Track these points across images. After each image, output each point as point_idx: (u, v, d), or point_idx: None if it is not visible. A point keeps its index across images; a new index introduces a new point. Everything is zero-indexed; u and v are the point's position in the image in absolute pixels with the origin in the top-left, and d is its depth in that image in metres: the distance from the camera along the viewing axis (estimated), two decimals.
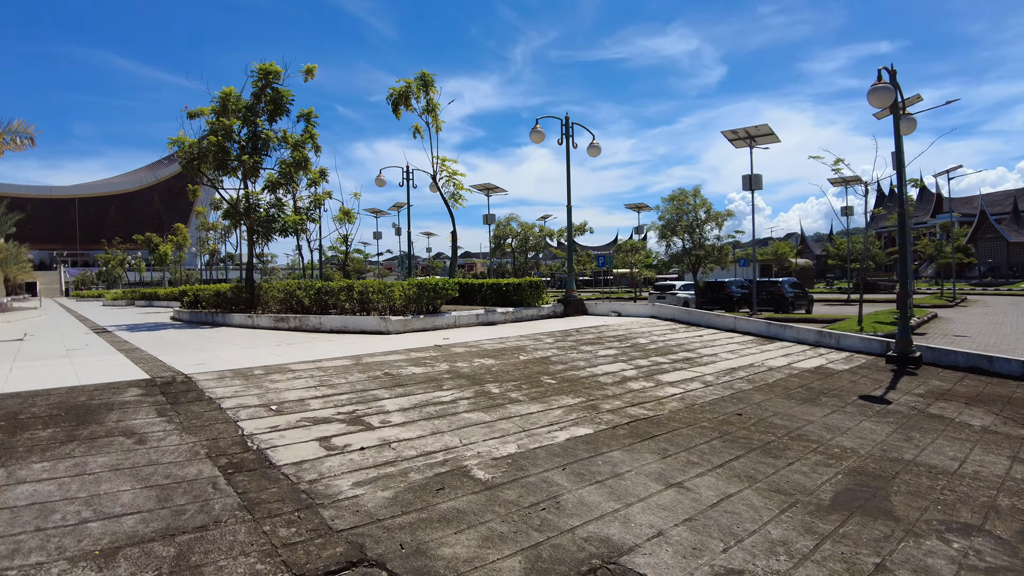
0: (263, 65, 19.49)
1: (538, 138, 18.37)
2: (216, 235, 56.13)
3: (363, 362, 9.26)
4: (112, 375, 8.27)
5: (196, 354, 10.64)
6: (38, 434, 5.71)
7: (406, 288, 14.01)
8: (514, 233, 51.09)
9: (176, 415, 6.37)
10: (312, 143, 20.00)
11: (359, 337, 12.76)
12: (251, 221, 19.24)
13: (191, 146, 19.53)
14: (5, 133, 14.82)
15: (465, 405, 7.30)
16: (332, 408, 6.86)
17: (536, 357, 10.40)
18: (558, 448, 6.15)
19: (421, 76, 19.96)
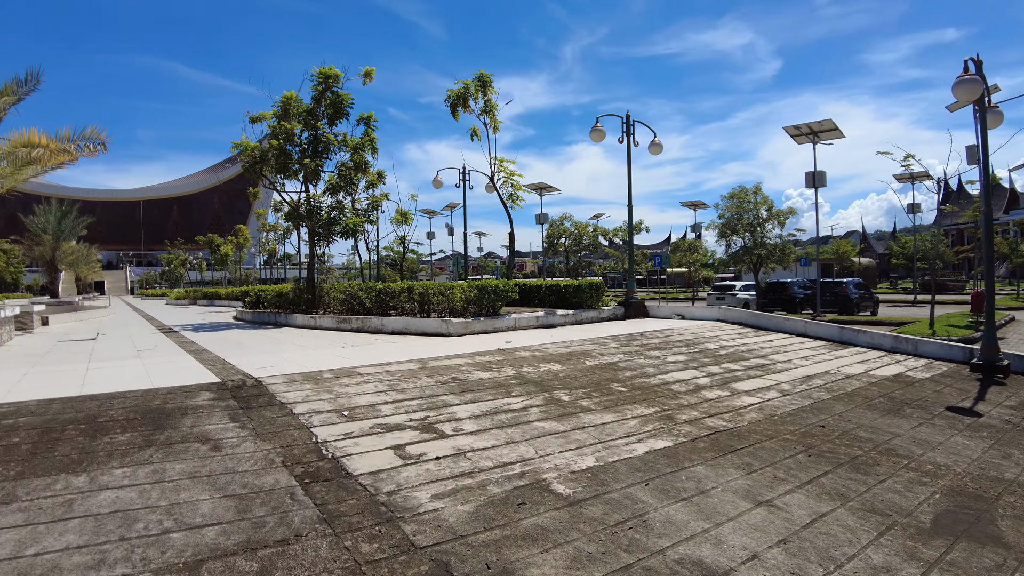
0: (323, 69, 19.69)
1: (599, 136, 18.07)
2: (275, 236, 57.24)
3: (429, 366, 9.16)
4: (183, 378, 8.35)
5: (263, 356, 10.72)
6: (117, 438, 5.74)
7: (466, 290, 13.91)
8: (567, 232, 50.69)
9: (249, 420, 6.34)
10: (371, 146, 20.12)
11: (420, 339, 12.71)
12: (313, 223, 19.46)
13: (253, 149, 19.86)
14: (80, 139, 15.24)
15: (536, 413, 7.10)
16: (403, 414, 6.75)
17: (603, 363, 10.15)
18: (638, 462, 5.90)
19: (479, 77, 19.85)
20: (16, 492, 4.64)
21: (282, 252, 69.60)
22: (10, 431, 5.96)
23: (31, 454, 5.37)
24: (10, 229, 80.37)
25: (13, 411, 6.61)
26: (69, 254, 46.28)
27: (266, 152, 19.83)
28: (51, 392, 7.52)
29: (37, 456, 5.33)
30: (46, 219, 41.75)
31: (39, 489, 4.68)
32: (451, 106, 20.26)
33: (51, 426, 6.10)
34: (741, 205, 35.18)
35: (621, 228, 48.67)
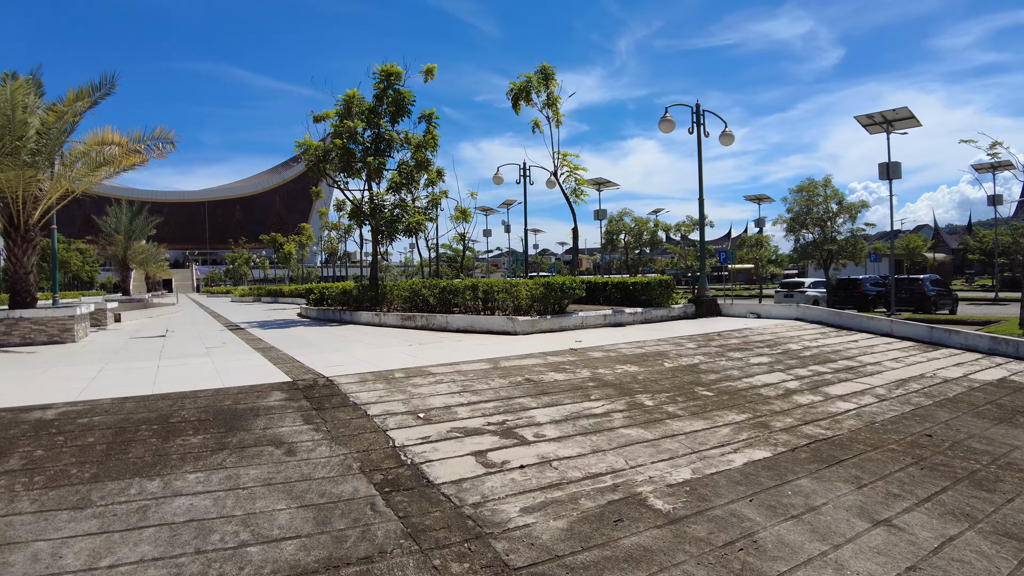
0: (385, 67, 19.59)
1: (668, 127, 17.49)
2: (336, 235, 57.96)
3: (501, 366, 8.82)
4: (254, 377, 8.21)
5: (331, 354, 10.57)
6: (189, 440, 5.56)
7: (532, 288, 13.54)
8: (627, 228, 49.70)
9: (323, 423, 6.10)
10: (433, 144, 19.94)
11: (486, 337, 12.41)
12: (376, 221, 19.38)
13: (316, 148, 19.90)
14: (149, 140, 15.44)
15: (620, 419, 6.67)
16: (480, 417, 6.41)
17: (682, 364, 9.63)
18: (737, 474, 5.43)
19: (542, 70, 19.46)
20: (91, 496, 4.47)
21: (343, 250, 70.53)
22: (85, 430, 5.85)
23: (105, 455, 5.23)
24: (86, 230, 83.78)
25: (88, 410, 6.53)
26: (139, 253, 47.78)
27: (329, 151, 19.86)
28: (124, 390, 7.46)
29: (111, 458, 5.18)
30: (118, 220, 43.14)
31: (113, 493, 4.51)
32: (513, 100, 19.92)
33: (124, 426, 5.97)
34: (810, 199, 33.94)
35: (684, 223, 47.50)
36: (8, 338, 14.09)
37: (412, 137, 19.94)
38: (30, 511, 4.27)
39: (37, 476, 4.84)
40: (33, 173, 14.26)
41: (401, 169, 19.91)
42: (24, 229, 14.99)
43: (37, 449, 5.39)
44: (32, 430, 5.90)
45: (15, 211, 14.83)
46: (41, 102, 15.47)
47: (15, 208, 14.80)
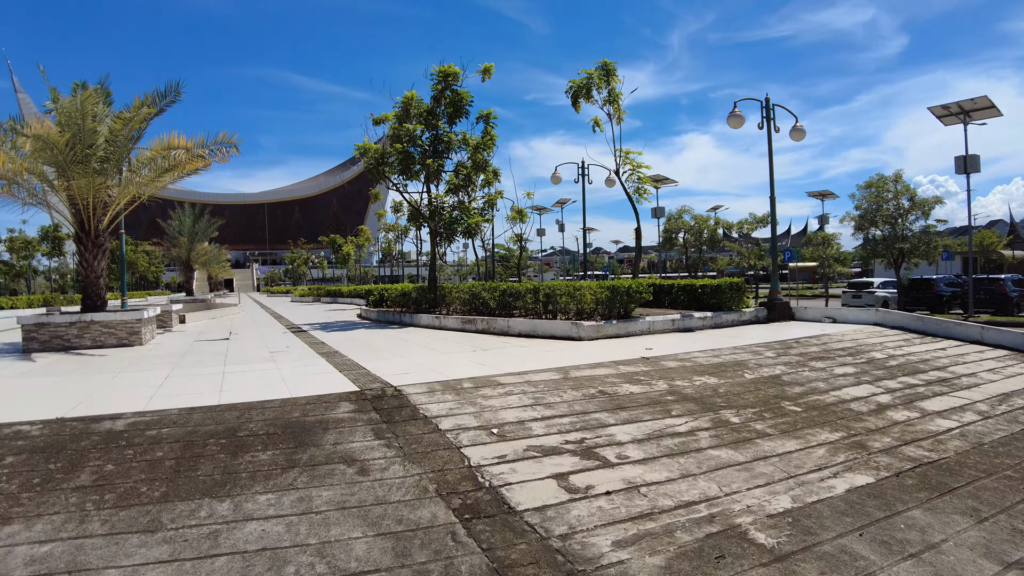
0: (442, 67, 19.41)
1: (737, 122, 16.84)
2: (393, 236, 58.41)
3: (572, 376, 8.44)
4: (320, 386, 8.05)
5: (396, 360, 10.38)
6: (258, 457, 5.37)
7: (597, 291, 13.12)
8: (686, 226, 48.51)
9: (394, 437, 5.84)
10: (490, 145, 19.68)
11: (550, 343, 12.06)
12: (435, 224, 19.24)
13: (375, 152, 19.86)
14: (213, 145, 15.58)
15: (706, 438, 6.23)
16: (557, 434, 6.06)
17: (764, 376, 9.09)
18: (841, 503, 4.94)
19: (602, 66, 19.02)
20: (161, 518, 4.29)
21: (400, 250, 71.18)
22: (154, 443, 5.72)
23: (174, 472, 5.07)
24: (151, 232, 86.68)
25: (157, 420, 6.43)
26: (202, 254, 48.93)
27: (388, 154, 19.82)
28: (191, 400, 7.36)
29: (180, 475, 5.01)
30: (181, 222, 44.32)
31: (183, 516, 4.31)
32: (572, 97, 19.55)
33: (192, 439, 5.83)
34: (880, 195, 32.53)
35: (746, 220, 46.15)
36: (80, 340, 14.38)
37: (470, 138, 19.73)
38: (100, 533, 4.11)
39: (108, 494, 4.69)
40: (102, 180, 14.52)
41: (459, 170, 19.73)
42: (94, 234, 15.29)
43: (107, 463, 5.27)
44: (102, 442, 5.80)
45: (86, 217, 15.13)
46: (109, 111, 15.77)
47: (86, 214, 15.10)
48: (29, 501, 4.61)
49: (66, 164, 13.88)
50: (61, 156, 13.70)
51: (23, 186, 14.74)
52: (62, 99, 13.77)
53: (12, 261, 57.85)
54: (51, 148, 13.49)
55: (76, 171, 13.97)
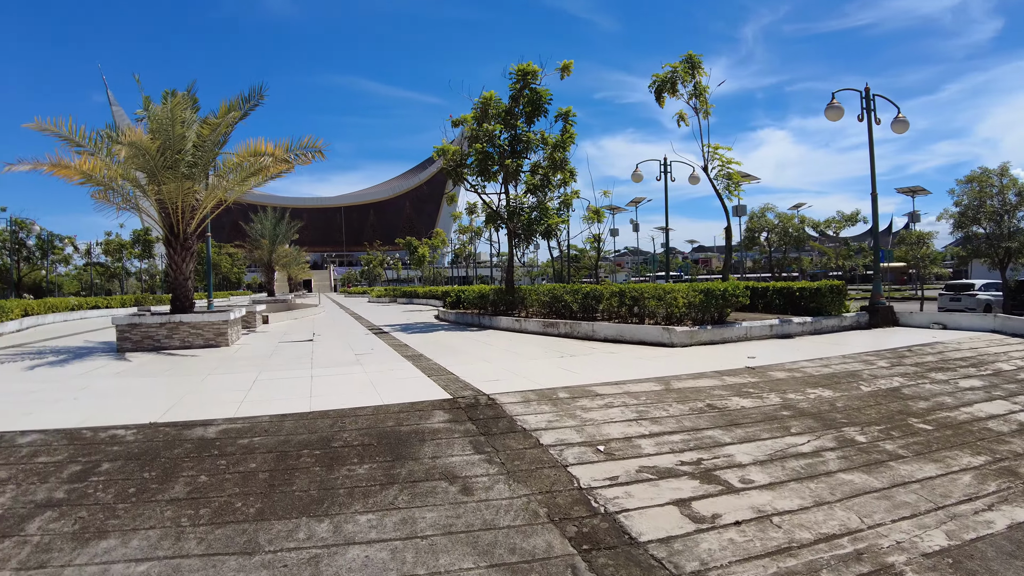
0: (521, 66, 19.10)
1: (836, 115, 15.84)
2: (467, 237, 58.63)
3: (673, 387, 7.91)
4: (411, 392, 7.80)
5: (482, 365, 10.07)
6: (355, 471, 5.09)
7: (690, 294, 12.47)
8: (770, 225, 46.51)
9: (494, 452, 5.48)
10: (570, 143, 19.25)
11: (641, 349, 11.50)
12: (513, 224, 18.92)
13: (454, 153, 19.70)
14: (297, 149, 15.67)
15: (834, 460, 5.62)
16: (669, 454, 5.57)
17: (881, 388, 8.33)
18: (1005, 542, 4.28)
19: (688, 58, 18.32)
20: (258, 538, 4.03)
21: (475, 251, 71.49)
22: (247, 454, 5.53)
23: (269, 486, 4.83)
24: (234, 235, 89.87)
25: (248, 428, 6.27)
26: (283, 256, 50.31)
27: (466, 155, 19.64)
28: (282, 406, 7.21)
29: (275, 490, 4.77)
30: (263, 225, 45.72)
31: (281, 537, 4.04)
32: (656, 92, 18.92)
33: (286, 450, 5.61)
34: (983, 190, 30.43)
35: (833, 219, 44.02)
36: (170, 341, 14.68)
37: (548, 137, 19.33)
38: (197, 553, 3.88)
39: (202, 508, 4.49)
40: (190, 184, 14.80)
41: (536, 170, 19.37)
42: (183, 237, 15.61)
43: (201, 474, 5.09)
44: (195, 450, 5.66)
45: (175, 221, 15.46)
46: (196, 117, 16.09)
47: (175, 218, 15.42)
48: (125, 513, 4.45)
49: (157, 169, 14.19)
50: (152, 162, 14.00)
51: (117, 191, 15.17)
52: (153, 107, 14.11)
53: (108, 263, 60.80)
54: (143, 154, 13.79)
55: (166, 176, 14.26)
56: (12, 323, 23.66)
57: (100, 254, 60.46)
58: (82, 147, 13.91)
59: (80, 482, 5.01)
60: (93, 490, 4.86)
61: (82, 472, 5.22)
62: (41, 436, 6.17)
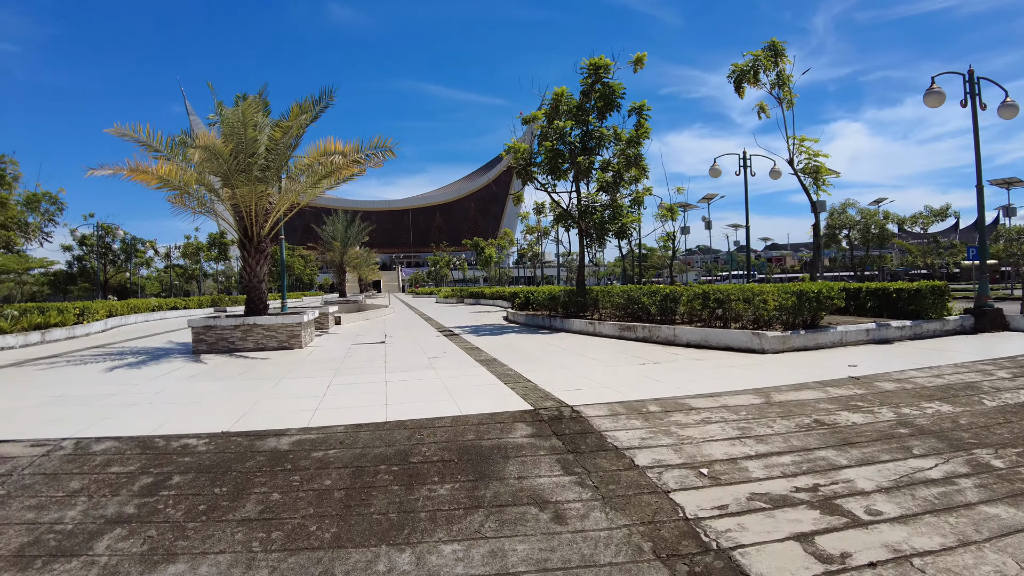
0: (592, 60, 18.56)
1: (936, 100, 14.73)
2: (533, 237, 58.22)
3: (774, 400, 7.26)
4: (489, 401, 7.44)
5: (560, 372, 9.61)
6: (436, 491, 4.70)
7: (780, 296, 11.67)
8: (851, 222, 44.20)
9: (585, 473, 5.01)
10: (644, 138, 18.58)
11: (727, 356, 10.80)
12: (585, 223, 18.37)
13: (524, 152, 19.30)
14: (368, 150, 15.55)
15: (971, 489, 4.92)
16: (781, 478, 4.98)
17: (1009, 403, 7.45)
18: None
19: (770, 45, 17.42)
20: (334, 569, 3.68)
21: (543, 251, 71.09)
22: (321, 469, 5.23)
23: (344, 507, 4.49)
24: (307, 237, 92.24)
25: (322, 440, 5.99)
26: (354, 258, 51.13)
27: (536, 153, 19.23)
28: (356, 414, 6.94)
29: (351, 511, 4.43)
30: (334, 228, 46.61)
31: (360, 568, 3.68)
32: (735, 82, 18.08)
33: (362, 464, 5.29)
34: None
35: (920, 214, 41.60)
36: (243, 343, 14.77)
37: (622, 133, 18.71)
38: None
39: (275, 531, 4.18)
40: (263, 188, 14.84)
41: (603, 166, 18.78)
42: (256, 240, 15.70)
43: (273, 491, 4.80)
44: (268, 463, 5.40)
45: (248, 224, 15.56)
46: (268, 120, 16.19)
47: (248, 221, 15.52)
48: (194, 534, 4.18)
49: (230, 173, 14.28)
50: (225, 165, 14.09)
51: (193, 196, 15.36)
52: (225, 110, 14.21)
53: (186, 265, 63.07)
54: (217, 158, 13.89)
55: (239, 180, 14.34)
56: (98, 323, 24.52)
57: (179, 257, 62.78)
58: (159, 152, 14.11)
59: (150, 496, 4.80)
60: (163, 506, 4.63)
61: (153, 485, 5.02)
62: (115, 444, 6.05)
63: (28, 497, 4.92)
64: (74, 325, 21.98)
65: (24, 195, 25.75)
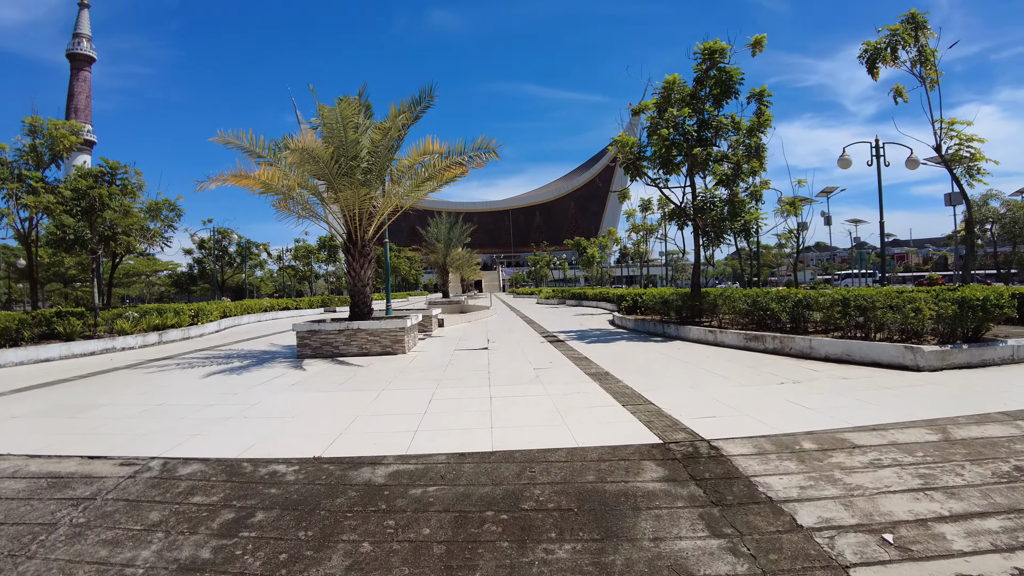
0: (707, 44, 17.25)
1: None
2: (638, 236, 56.45)
3: (955, 437, 5.94)
4: (607, 428, 6.57)
5: (686, 391, 8.52)
6: (554, 553, 3.87)
7: (938, 304, 10.10)
8: (995, 215, 39.69)
9: (736, 535, 4.02)
10: (766, 127, 17.08)
11: (876, 374, 9.35)
12: (703, 220, 17.07)
13: (632, 145, 18.22)
14: (471, 151, 14.96)
15: None
16: (993, 552, 3.78)
17: None
18: None
19: (910, 18, 15.56)
20: None
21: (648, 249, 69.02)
22: (419, 512, 4.52)
23: (445, 567, 3.74)
24: (412, 239, 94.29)
25: (422, 472, 5.29)
26: (456, 259, 51.55)
27: (645, 146, 18.11)
28: (459, 439, 6.25)
29: (453, 573, 3.67)
30: (437, 230, 47.36)
31: None
32: (868, 62, 16.36)
33: (465, 509, 4.54)
34: None
35: None
36: (347, 348, 14.50)
37: (740, 121, 17.28)
38: None
39: None
40: (366, 191, 14.51)
41: (723, 159, 17.40)
42: (361, 244, 15.42)
43: (364, 540, 4.12)
44: (360, 501, 4.74)
45: (352, 228, 15.30)
46: (370, 122, 15.89)
47: (352, 225, 15.26)
48: None
49: (332, 176, 14.01)
50: (327, 169, 13.82)
51: (297, 200, 15.24)
52: (324, 110, 13.91)
53: (298, 266, 65.48)
54: (316, 161, 13.64)
55: (342, 183, 14.05)
56: (212, 324, 25.31)
57: (290, 260, 65.27)
58: (262, 157, 14.03)
59: (229, 538, 4.23)
60: (241, 551, 4.04)
61: (234, 522, 4.46)
62: (201, 468, 5.59)
63: (106, 529, 4.49)
64: (189, 326, 22.69)
65: (147, 203, 26.98)
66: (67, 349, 16.26)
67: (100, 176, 20.80)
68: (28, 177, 20.22)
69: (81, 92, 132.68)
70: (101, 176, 20.85)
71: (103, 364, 14.30)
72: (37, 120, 20.79)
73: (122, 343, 18.07)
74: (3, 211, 21.70)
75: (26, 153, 20.67)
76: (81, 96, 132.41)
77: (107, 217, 19.92)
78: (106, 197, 19.90)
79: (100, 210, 19.88)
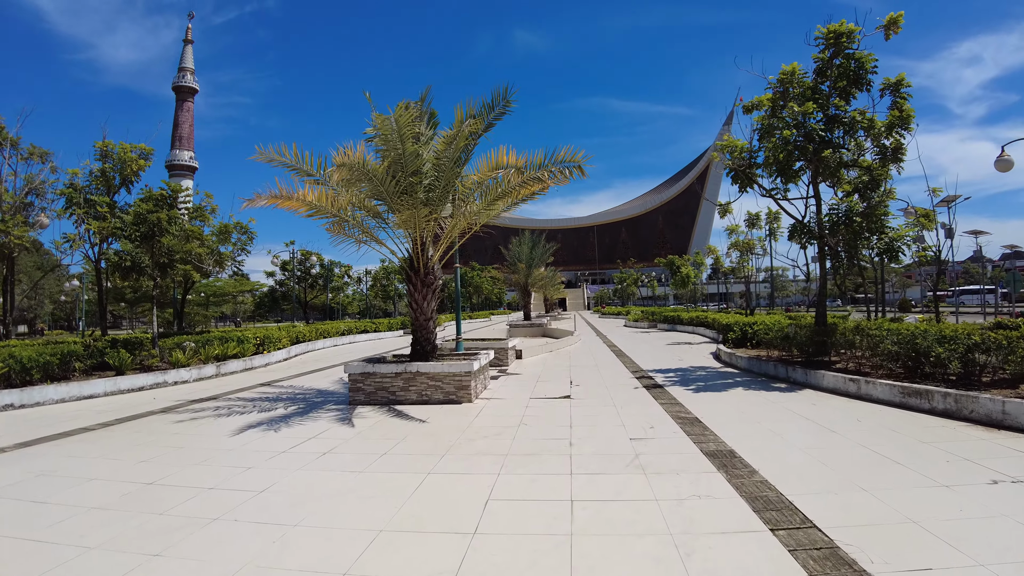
0: (831, 26, 14.44)
1: None
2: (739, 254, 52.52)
3: None
4: None
5: (861, 499, 5.67)
6: None
7: None
8: None
9: None
10: (908, 124, 14.01)
11: None
12: (833, 239, 14.04)
13: (742, 150, 15.47)
14: (552, 165, 12.47)
15: None
16: None
17: None
18: None
19: None
20: None
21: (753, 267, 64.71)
22: None
23: None
24: (495, 258, 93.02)
25: None
26: (539, 279, 49.68)
27: (756, 152, 15.34)
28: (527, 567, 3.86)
29: None
30: (520, 250, 45.81)
31: None
32: None
33: None
34: None
35: None
36: (405, 394, 12.43)
37: (874, 118, 14.27)
38: None
39: None
40: (428, 211, 12.39)
41: (856, 164, 14.39)
42: (423, 272, 13.32)
43: None
44: None
45: (414, 253, 13.26)
46: (435, 132, 13.86)
47: (414, 250, 13.22)
48: None
49: (388, 195, 11.97)
50: (382, 187, 11.78)
51: (354, 224, 13.32)
52: (378, 118, 11.78)
53: (384, 285, 65.14)
54: (369, 178, 11.63)
55: (399, 203, 12.00)
56: (279, 352, 23.95)
57: (371, 283, 65.24)
58: (310, 175, 12.13)
59: None
60: None
61: None
62: None
63: None
64: (253, 355, 21.29)
65: (218, 226, 26.16)
66: (113, 384, 14.99)
67: (162, 200, 19.67)
68: (96, 202, 19.45)
69: (185, 121, 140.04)
70: (163, 200, 19.72)
71: (140, 405, 12.95)
72: (108, 144, 20.14)
73: (175, 376, 16.76)
74: (71, 236, 21.17)
75: (97, 178, 20.05)
76: (185, 125, 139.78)
77: (164, 243, 18.70)
78: (165, 222, 18.69)
79: (159, 235, 18.69)
